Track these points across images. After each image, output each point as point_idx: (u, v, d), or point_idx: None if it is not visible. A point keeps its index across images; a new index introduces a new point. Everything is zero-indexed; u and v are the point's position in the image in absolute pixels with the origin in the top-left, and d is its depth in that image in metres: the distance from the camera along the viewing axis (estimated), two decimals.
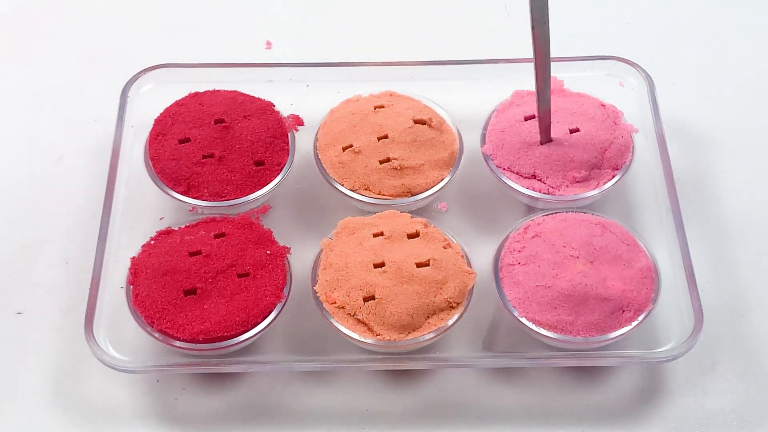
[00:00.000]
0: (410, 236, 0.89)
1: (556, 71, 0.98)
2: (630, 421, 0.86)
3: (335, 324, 0.86)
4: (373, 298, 0.85)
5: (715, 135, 1.02)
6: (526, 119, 0.95)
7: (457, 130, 0.96)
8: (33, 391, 0.87)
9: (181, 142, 0.94)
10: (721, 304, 0.91)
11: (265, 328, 0.86)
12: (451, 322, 0.86)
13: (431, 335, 0.85)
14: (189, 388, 0.87)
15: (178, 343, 0.85)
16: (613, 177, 0.93)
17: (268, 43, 1.09)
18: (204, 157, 0.93)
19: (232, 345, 0.85)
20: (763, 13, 1.12)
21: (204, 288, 0.86)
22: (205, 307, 0.85)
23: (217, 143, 0.94)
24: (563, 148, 0.93)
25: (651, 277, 0.88)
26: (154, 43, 1.08)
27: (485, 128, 0.96)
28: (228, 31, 1.11)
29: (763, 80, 1.07)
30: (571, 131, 0.94)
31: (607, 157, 0.94)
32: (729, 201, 0.97)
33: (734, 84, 1.06)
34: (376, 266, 0.86)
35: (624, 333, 0.85)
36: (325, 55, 1.04)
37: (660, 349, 0.86)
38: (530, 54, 1.01)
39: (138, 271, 0.88)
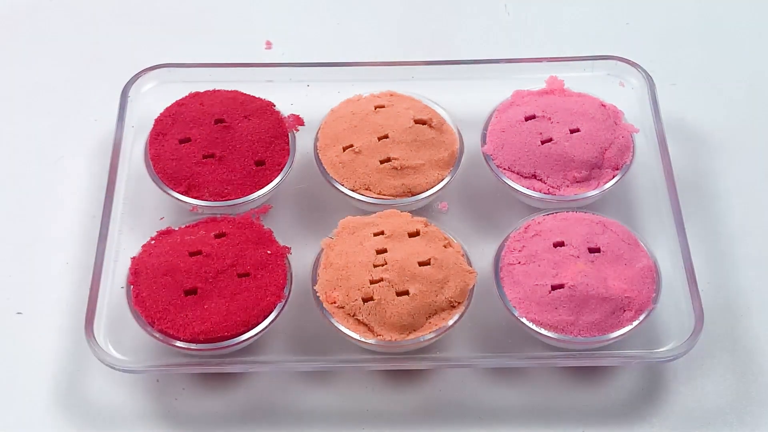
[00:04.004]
0: (411, 235, 0.89)
1: (557, 71, 0.99)
2: (630, 421, 0.86)
3: (335, 324, 0.86)
4: (372, 298, 0.85)
5: (715, 135, 1.02)
6: (526, 119, 0.95)
7: (458, 130, 0.96)
8: (33, 391, 0.87)
9: (181, 142, 0.94)
10: (721, 304, 0.91)
11: (266, 328, 0.86)
12: (451, 321, 0.86)
13: (432, 335, 0.85)
14: (189, 388, 0.87)
15: (178, 343, 0.85)
16: (614, 177, 0.93)
17: (268, 43, 1.09)
18: (204, 157, 0.93)
19: (232, 345, 0.85)
20: (763, 13, 1.12)
21: (204, 288, 0.86)
22: (205, 307, 0.85)
23: (217, 143, 0.93)
24: (563, 148, 0.93)
25: (652, 276, 0.87)
26: (154, 43, 1.08)
27: (485, 128, 0.96)
28: (228, 31, 1.11)
29: (763, 80, 1.06)
30: (572, 131, 0.94)
31: (607, 157, 0.93)
32: (729, 201, 0.97)
33: (734, 84, 1.06)
34: (376, 266, 0.86)
35: (625, 333, 0.85)
36: (325, 55, 1.04)
37: (660, 349, 0.86)
38: (530, 54, 1.02)
39: (138, 271, 0.87)
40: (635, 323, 0.86)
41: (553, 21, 1.12)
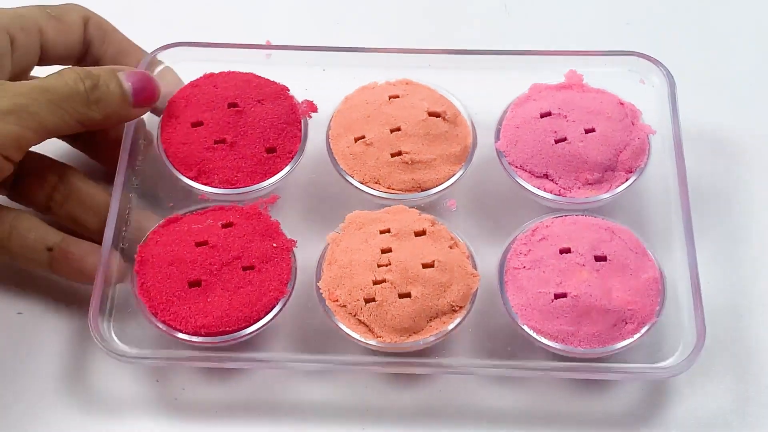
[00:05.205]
0: (417, 234, 0.88)
1: (577, 65, 0.96)
2: (631, 424, 0.86)
3: (336, 322, 0.86)
4: (374, 299, 0.85)
5: (738, 145, 0.98)
6: (542, 116, 0.93)
7: (471, 122, 0.94)
8: (37, 380, 0.88)
9: (193, 125, 0.93)
10: (722, 305, 0.90)
11: (267, 323, 0.86)
12: (452, 326, 0.86)
13: (432, 339, 0.85)
14: (192, 379, 0.88)
15: (180, 335, 0.85)
16: (627, 180, 0.92)
17: (268, 43, 1.07)
18: (216, 142, 0.92)
19: (233, 340, 0.85)
20: None
21: (209, 280, 0.86)
22: (208, 300, 0.86)
23: (229, 128, 0.93)
24: (577, 148, 0.91)
25: (657, 288, 0.86)
26: (154, 44, 1.06)
27: (500, 123, 0.95)
28: (228, 31, 1.08)
29: None
30: (587, 131, 0.92)
31: (621, 159, 0.92)
32: (748, 217, 0.95)
33: (764, 93, 1.02)
34: (380, 266, 0.86)
35: (625, 345, 0.85)
36: (341, 41, 1.03)
37: (660, 365, 0.85)
38: (555, 46, 0.98)
39: (145, 260, 0.88)
40: (636, 336, 0.85)
41: (577, 14, 1.08)
